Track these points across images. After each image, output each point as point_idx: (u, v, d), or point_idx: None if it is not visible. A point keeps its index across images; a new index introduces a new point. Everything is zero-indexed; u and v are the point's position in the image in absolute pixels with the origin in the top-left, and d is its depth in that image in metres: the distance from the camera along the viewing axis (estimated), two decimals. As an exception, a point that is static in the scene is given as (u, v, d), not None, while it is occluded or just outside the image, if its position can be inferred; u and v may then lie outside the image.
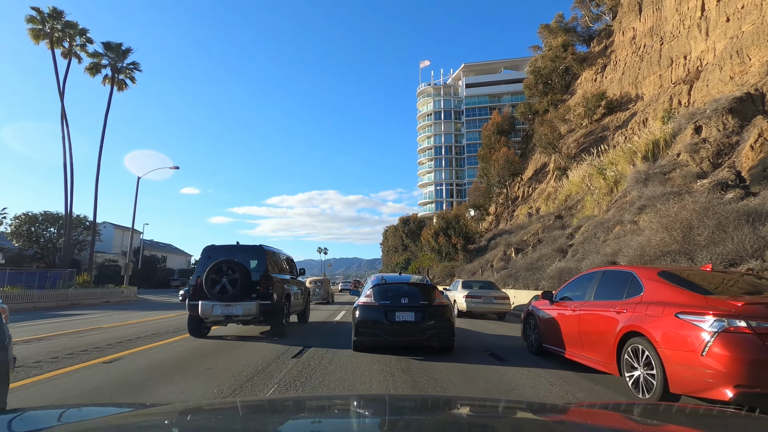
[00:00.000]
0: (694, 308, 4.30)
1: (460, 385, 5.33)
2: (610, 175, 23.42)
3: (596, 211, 22.77)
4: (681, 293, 4.67)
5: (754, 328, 3.87)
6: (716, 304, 4.23)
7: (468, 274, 29.97)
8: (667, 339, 4.39)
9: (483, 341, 9.11)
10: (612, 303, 5.43)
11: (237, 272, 8.99)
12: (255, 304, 9.01)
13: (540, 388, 5.26)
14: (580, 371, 6.11)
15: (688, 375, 4.14)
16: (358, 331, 7.15)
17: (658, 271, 5.27)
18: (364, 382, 5.40)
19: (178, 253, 62.18)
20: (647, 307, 4.82)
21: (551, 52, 43.96)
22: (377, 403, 2.13)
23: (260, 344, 8.44)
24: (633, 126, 31.15)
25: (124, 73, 27.13)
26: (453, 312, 7.74)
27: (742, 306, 4.06)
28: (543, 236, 25.58)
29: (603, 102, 35.61)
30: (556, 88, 44.99)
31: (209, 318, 9.12)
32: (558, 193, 32.03)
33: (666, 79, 31.54)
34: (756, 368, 3.77)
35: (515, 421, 1.71)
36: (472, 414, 1.88)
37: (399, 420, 1.66)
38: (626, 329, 4.94)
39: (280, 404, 2.21)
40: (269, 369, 6.08)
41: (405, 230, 65.26)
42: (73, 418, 1.69)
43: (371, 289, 7.61)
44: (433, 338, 7.15)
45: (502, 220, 42.41)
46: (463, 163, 75.47)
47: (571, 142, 37.61)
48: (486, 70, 76.52)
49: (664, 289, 4.87)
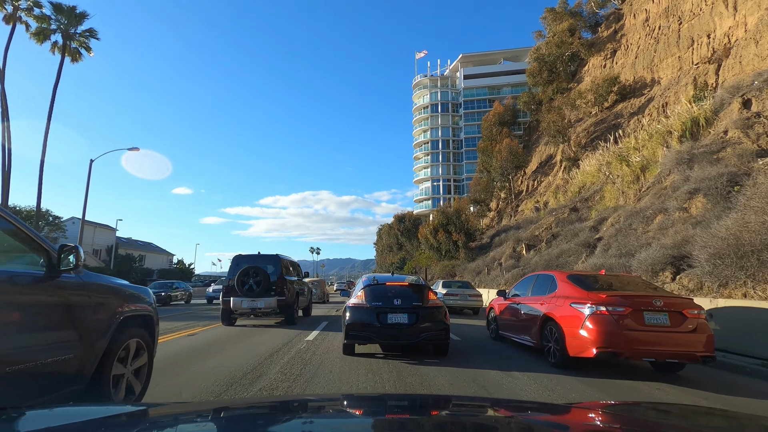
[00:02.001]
0: (580, 299, 6.32)
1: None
2: (636, 161, 20.71)
3: (621, 200, 20.05)
4: (576, 290, 6.62)
5: (610, 311, 5.88)
6: (592, 296, 6.19)
7: (472, 273, 27.15)
8: (565, 320, 6.40)
9: (457, 330, 10.63)
10: (540, 298, 7.37)
11: (260, 275, 11.49)
12: (274, 300, 11.45)
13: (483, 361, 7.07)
14: (524, 351, 7.94)
15: (575, 343, 6.13)
16: (349, 334, 6.95)
17: (567, 274, 7.25)
18: (365, 358, 6.94)
19: (159, 252, 58.35)
20: (557, 300, 6.82)
21: (556, 38, 41.29)
22: (375, 403, 2.13)
23: (279, 330, 10.64)
24: (651, 111, 28.74)
25: (77, 41, 23.54)
26: (448, 313, 7.33)
27: (605, 297, 6.02)
28: (558, 230, 22.83)
29: (615, 88, 33.04)
30: (561, 75, 42.39)
31: (238, 310, 11.55)
32: (569, 185, 29.45)
33: (686, 60, 29.20)
34: (609, 336, 5.77)
35: (514, 420, 1.72)
36: (471, 414, 1.88)
37: (399, 420, 1.66)
38: (545, 316, 6.91)
39: (278, 404, 2.22)
40: (289, 344, 8.20)
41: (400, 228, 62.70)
42: (72, 417, 1.65)
43: (362, 289, 7.32)
44: (427, 341, 6.93)
45: (505, 215, 39.72)
46: (461, 157, 72.15)
47: (580, 131, 35.06)
48: (485, 61, 73.17)
49: (568, 287, 6.81)
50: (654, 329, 5.66)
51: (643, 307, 5.77)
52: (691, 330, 5.69)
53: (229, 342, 8.69)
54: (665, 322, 5.71)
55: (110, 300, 3.53)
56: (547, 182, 36.26)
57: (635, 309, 5.76)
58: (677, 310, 5.79)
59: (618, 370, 6.41)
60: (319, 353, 7.26)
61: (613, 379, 5.78)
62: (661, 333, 5.66)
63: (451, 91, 74.74)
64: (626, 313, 5.75)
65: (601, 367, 6.47)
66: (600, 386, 5.40)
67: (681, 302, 5.96)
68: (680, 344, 5.62)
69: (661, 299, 5.86)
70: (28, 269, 2.98)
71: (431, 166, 74.47)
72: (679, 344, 5.62)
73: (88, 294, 3.29)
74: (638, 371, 6.38)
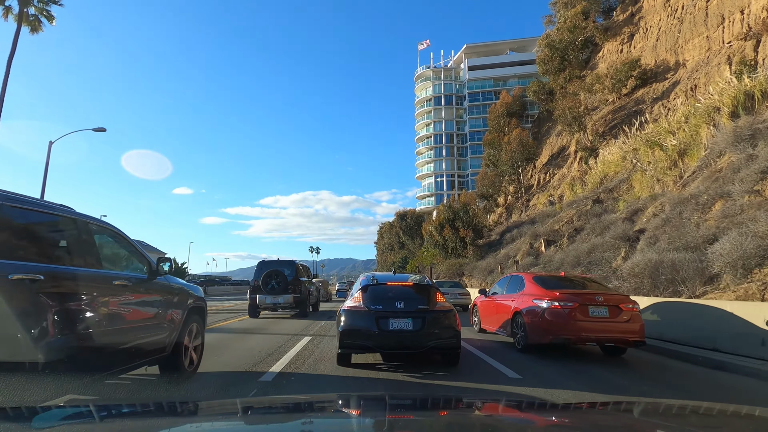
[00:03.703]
0: (540, 296, 7.49)
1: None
2: (672, 144, 18.30)
3: (656, 188, 17.65)
4: (538, 288, 7.77)
5: (561, 306, 7.06)
6: (549, 294, 7.35)
7: (482, 272, 24.75)
8: (528, 314, 7.57)
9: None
10: (512, 295, 8.57)
11: (279, 277, 14.25)
12: (291, 297, 14.19)
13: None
14: (500, 341, 9.11)
15: (535, 332, 7.32)
16: (343, 343, 6.03)
17: (533, 275, 8.72)
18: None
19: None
20: (524, 297, 7.96)
21: (569, 22, 38.83)
22: (377, 403, 2.13)
23: (295, 321, 13.39)
24: (678, 94, 26.48)
25: (35, 8, 20.54)
26: (458, 318, 6.37)
27: (558, 295, 7.24)
28: (581, 224, 20.43)
29: (635, 72, 30.61)
30: (573, 63, 39.93)
31: (262, 305, 14.11)
32: (588, 176, 27.11)
33: (715, 40, 26.96)
34: (559, 326, 6.99)
35: (515, 420, 1.74)
36: (472, 413, 1.88)
37: (399, 420, 1.66)
38: (514, 310, 8.07)
39: (281, 404, 2.24)
40: (306, 330, 10.49)
41: (402, 226, 60.45)
42: (80, 416, 1.71)
43: (360, 290, 6.38)
44: (435, 350, 6.04)
45: (515, 211, 37.34)
46: (466, 152, 69.23)
47: (597, 119, 32.69)
48: (490, 52, 70.19)
49: (532, 286, 8.01)
50: (596, 320, 6.99)
51: (588, 302, 7.06)
52: (626, 320, 7.01)
53: (259, 328, 10.92)
54: (605, 314, 7.03)
55: (184, 295, 5.20)
56: (561, 174, 33.92)
57: (582, 304, 7.02)
58: (615, 305, 7.09)
59: (572, 352, 7.88)
60: (329, 336, 9.15)
61: (568, 358, 7.24)
62: (602, 323, 6.99)
63: (455, 83, 71.71)
64: (575, 308, 7.00)
65: (558, 350, 7.78)
66: (550, 363, 6.73)
67: (618, 298, 7.34)
68: (617, 331, 7.01)
69: (603, 296, 7.23)
70: (137, 274, 4.47)
71: (434, 162, 71.62)
72: (616, 331, 7.01)
73: (172, 291, 4.97)
74: (590, 354, 7.87)
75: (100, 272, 3.80)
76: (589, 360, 7.21)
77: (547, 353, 7.44)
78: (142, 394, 4.51)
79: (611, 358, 7.41)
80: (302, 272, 15.65)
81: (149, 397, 4.38)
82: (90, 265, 3.72)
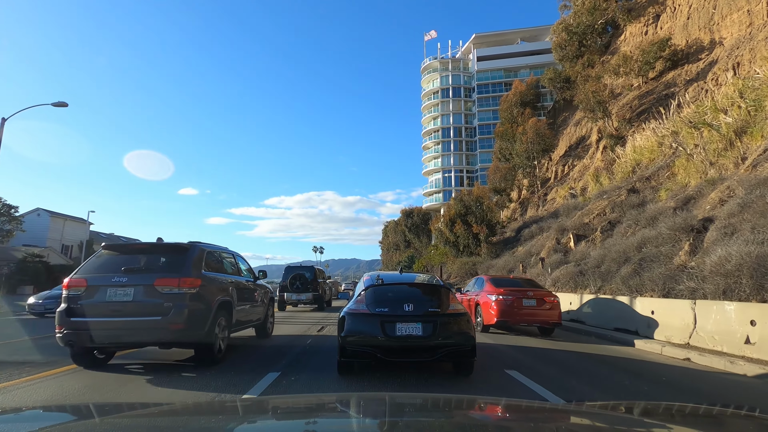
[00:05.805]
0: (491, 292, 10.88)
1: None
2: (726, 123, 15.74)
3: (711, 172, 15.09)
4: (492, 287, 11.11)
5: (504, 297, 10.53)
6: (497, 290, 10.81)
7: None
8: (483, 305, 11.01)
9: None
10: (477, 292, 11.85)
11: (302, 278, 18.78)
12: (311, 294, 18.79)
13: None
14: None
15: (487, 317, 10.72)
16: (345, 350, 5.49)
17: (490, 277, 12.22)
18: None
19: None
20: (483, 293, 11.31)
21: (588, 2, 36.16)
22: (378, 403, 2.11)
23: (315, 313, 17.29)
24: (717, 74, 23.86)
25: None
26: (473, 323, 5.93)
27: (502, 290, 10.70)
28: (616, 216, 17.90)
29: (665, 52, 27.97)
30: (592, 48, 37.29)
31: (289, 301, 18.81)
32: (616, 165, 24.53)
33: (757, 14, 24.43)
34: (503, 313, 10.42)
35: (516, 421, 1.72)
36: (473, 414, 1.87)
37: (399, 420, 1.66)
38: (476, 302, 11.42)
39: (281, 404, 2.23)
40: (323, 320, 13.61)
41: (408, 224, 57.90)
42: (80, 416, 1.71)
43: (364, 291, 5.88)
44: (448, 358, 5.50)
45: (531, 205, 34.77)
46: (475, 146, 66.33)
47: (622, 105, 30.07)
48: (500, 42, 67.09)
49: (489, 285, 11.32)
50: (528, 308, 10.50)
51: (522, 296, 10.59)
52: (549, 308, 10.57)
53: (290, 318, 14.81)
54: (534, 304, 10.56)
55: (267, 291, 9.55)
56: (582, 166, 31.30)
57: (518, 297, 10.54)
58: (541, 297, 10.66)
59: (515, 331, 11.38)
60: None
61: (508, 335, 10.65)
62: (531, 310, 10.52)
63: (463, 74, 68.65)
64: (513, 300, 10.50)
65: (503, 330, 11.43)
66: (498, 338, 9.98)
67: (544, 293, 10.93)
68: (542, 316, 10.57)
69: (533, 291, 10.79)
70: (249, 278, 8.66)
71: (442, 156, 68.72)
72: (541, 316, 10.57)
73: (264, 288, 9.36)
74: (528, 333, 11.15)
75: (242, 278, 8.08)
76: (527, 335, 10.79)
77: (498, 333, 10.94)
78: (247, 348, 8.10)
79: (543, 335, 10.68)
80: (319, 275, 20.25)
81: (236, 353, 7.43)
82: (238, 274, 8.06)
